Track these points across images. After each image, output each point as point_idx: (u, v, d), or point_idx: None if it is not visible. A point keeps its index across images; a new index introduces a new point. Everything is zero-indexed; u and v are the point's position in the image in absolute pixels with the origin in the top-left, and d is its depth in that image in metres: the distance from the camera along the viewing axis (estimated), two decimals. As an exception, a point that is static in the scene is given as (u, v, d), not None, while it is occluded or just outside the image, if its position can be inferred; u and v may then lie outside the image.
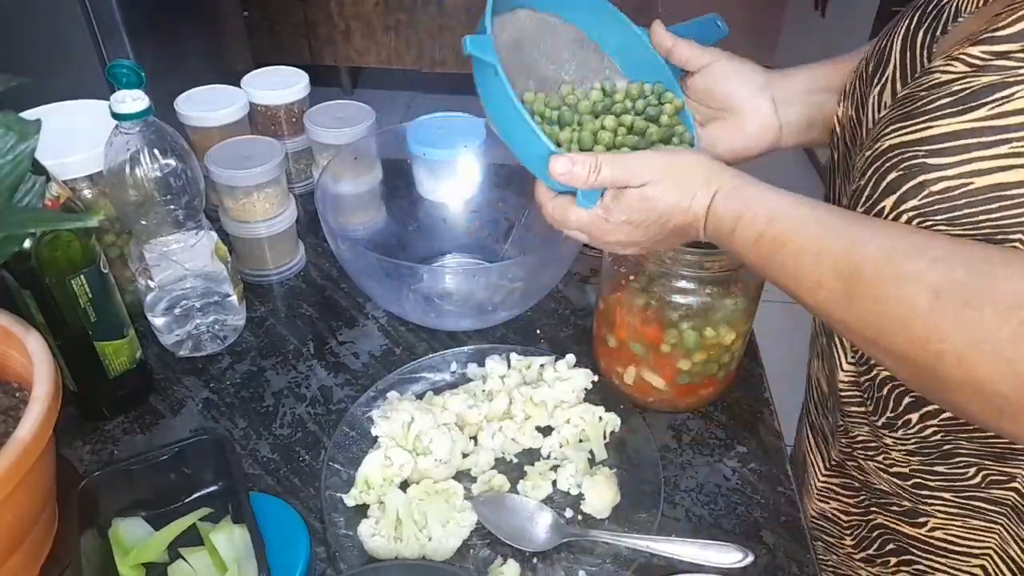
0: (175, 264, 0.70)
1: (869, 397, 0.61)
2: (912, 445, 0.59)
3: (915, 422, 0.57)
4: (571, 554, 0.59)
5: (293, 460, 0.66)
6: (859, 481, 0.67)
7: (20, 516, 0.50)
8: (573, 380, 0.68)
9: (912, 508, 0.62)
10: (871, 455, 0.64)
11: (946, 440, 0.56)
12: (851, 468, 0.68)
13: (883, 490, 0.64)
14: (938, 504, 0.60)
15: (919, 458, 0.59)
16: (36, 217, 0.50)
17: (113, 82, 0.60)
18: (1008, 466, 0.55)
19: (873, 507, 0.67)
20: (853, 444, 0.66)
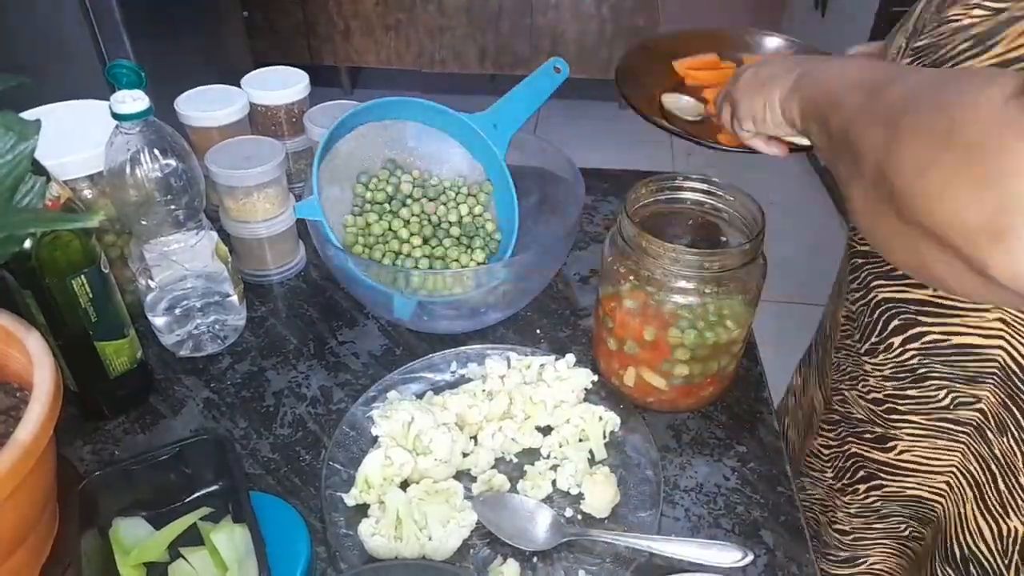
0: (175, 264, 0.70)
1: (859, 324, 0.66)
2: (888, 370, 0.64)
3: (897, 345, 0.62)
4: (571, 554, 0.59)
5: (293, 460, 0.66)
6: (840, 414, 0.72)
7: (21, 516, 0.50)
8: (573, 380, 0.68)
9: (883, 434, 0.67)
10: (853, 384, 0.69)
11: (922, 364, 0.61)
12: (836, 402, 0.73)
13: (859, 418, 0.70)
14: (907, 427, 0.65)
15: (893, 383, 0.64)
16: (36, 217, 0.50)
17: (113, 82, 0.60)
18: (976, 388, 0.59)
19: (849, 437, 0.72)
20: (841, 377, 0.71)
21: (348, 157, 0.79)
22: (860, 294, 0.65)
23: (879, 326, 0.63)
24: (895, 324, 0.62)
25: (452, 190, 0.81)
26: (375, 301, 0.76)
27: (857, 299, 0.66)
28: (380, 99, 0.77)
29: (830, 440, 0.75)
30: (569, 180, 0.79)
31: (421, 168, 0.83)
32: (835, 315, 0.73)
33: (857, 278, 0.66)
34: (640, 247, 0.62)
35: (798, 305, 2.18)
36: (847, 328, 0.69)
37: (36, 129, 0.48)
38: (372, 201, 0.78)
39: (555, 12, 2.82)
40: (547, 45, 2.89)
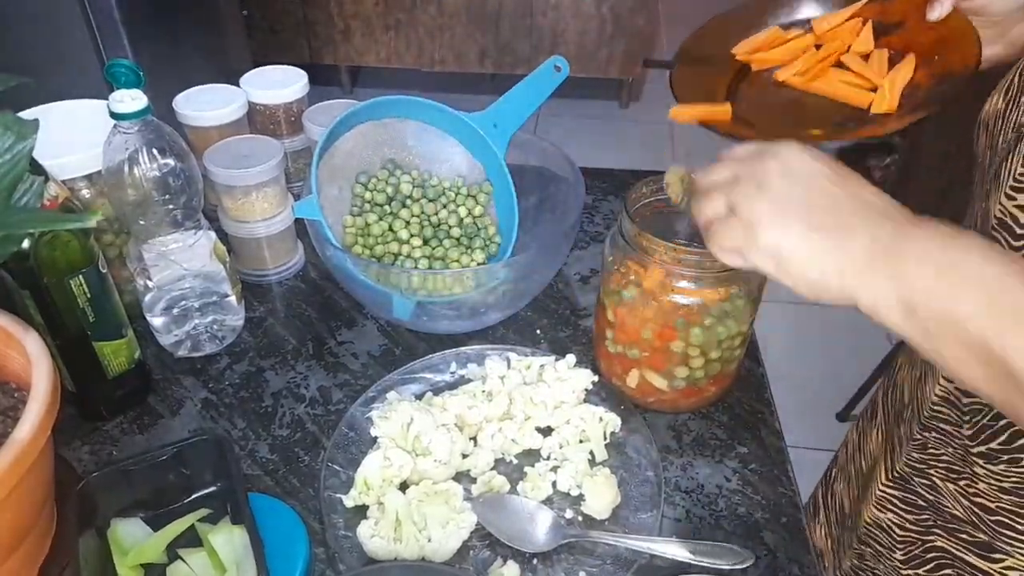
0: (173, 264, 0.70)
1: (972, 422, 0.57)
2: (1009, 484, 0.55)
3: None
4: (571, 555, 0.58)
5: (292, 461, 0.66)
6: (926, 500, 0.64)
7: (19, 516, 0.50)
8: (573, 380, 0.68)
9: (988, 542, 0.59)
10: (952, 478, 0.60)
11: None
12: (919, 485, 0.64)
13: (956, 515, 0.61)
14: (1022, 546, 0.57)
15: (1012, 497, 0.56)
16: (34, 217, 0.50)
17: (112, 81, 0.60)
18: None
19: (937, 529, 0.64)
20: (930, 461, 0.63)
21: (347, 156, 0.78)
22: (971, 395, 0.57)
23: (1004, 435, 0.55)
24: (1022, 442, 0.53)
25: (452, 190, 0.81)
26: (374, 301, 0.76)
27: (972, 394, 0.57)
28: (380, 98, 0.77)
29: (907, 522, 0.67)
30: (569, 180, 0.79)
31: (421, 168, 0.82)
32: (921, 386, 0.64)
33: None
34: (640, 247, 0.62)
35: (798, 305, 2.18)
36: (944, 412, 0.60)
37: (34, 128, 0.48)
38: (372, 202, 0.78)
39: (555, 12, 2.82)
40: (547, 45, 2.89)
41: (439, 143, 0.82)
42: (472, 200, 0.80)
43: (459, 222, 0.79)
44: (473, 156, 0.82)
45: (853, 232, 0.42)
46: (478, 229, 0.79)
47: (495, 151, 0.80)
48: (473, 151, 0.82)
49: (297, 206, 0.71)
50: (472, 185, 0.82)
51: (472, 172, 0.83)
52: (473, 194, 0.81)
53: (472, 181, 0.83)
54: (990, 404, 0.41)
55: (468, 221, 0.79)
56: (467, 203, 0.80)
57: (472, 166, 0.83)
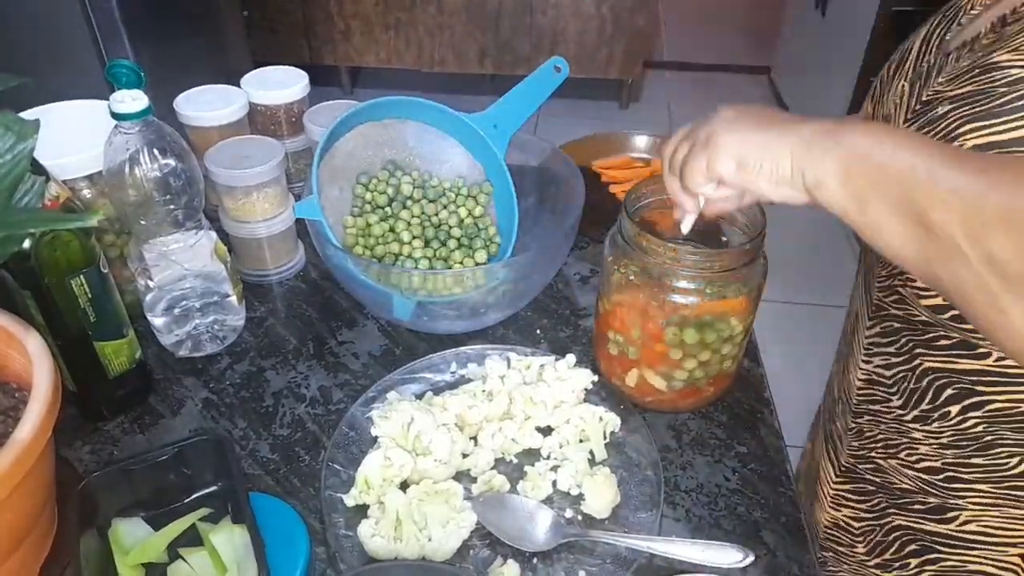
0: (174, 264, 0.70)
1: (900, 391, 0.61)
2: (947, 438, 0.59)
3: (955, 414, 0.57)
4: (571, 554, 0.59)
5: (293, 460, 0.66)
6: (874, 484, 0.67)
7: (20, 516, 0.50)
8: (573, 380, 0.68)
9: (940, 504, 0.62)
10: (892, 452, 0.64)
11: (988, 431, 0.56)
12: (865, 471, 0.67)
13: (905, 488, 0.64)
14: (972, 496, 0.60)
15: (953, 451, 0.59)
16: (35, 217, 0.50)
17: (112, 82, 0.60)
18: None
19: (891, 509, 0.66)
20: (868, 445, 0.66)
21: (348, 157, 0.79)
22: (900, 360, 0.61)
23: (930, 394, 0.59)
24: (949, 393, 0.57)
25: (452, 191, 0.81)
26: (374, 301, 0.76)
27: (895, 364, 0.62)
28: (380, 98, 0.77)
29: (862, 512, 0.70)
30: (569, 180, 0.79)
31: (421, 168, 0.83)
32: (846, 377, 0.69)
33: (894, 343, 0.61)
34: (640, 247, 0.62)
35: (798, 305, 2.18)
36: (870, 392, 0.65)
37: (35, 129, 0.48)
38: (373, 203, 0.78)
39: (555, 12, 2.82)
40: (547, 45, 2.89)
41: (439, 144, 0.82)
42: (472, 201, 0.80)
43: (459, 223, 0.79)
44: (473, 156, 0.82)
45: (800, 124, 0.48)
46: (478, 230, 0.80)
47: (495, 151, 0.80)
48: (473, 152, 0.82)
49: (298, 206, 0.71)
50: (472, 186, 0.82)
51: (472, 172, 0.83)
52: (473, 195, 0.81)
53: (472, 181, 0.83)
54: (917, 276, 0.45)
55: (468, 222, 0.79)
56: (467, 204, 0.80)
57: (472, 166, 0.83)
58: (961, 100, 0.51)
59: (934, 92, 0.54)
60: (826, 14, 2.75)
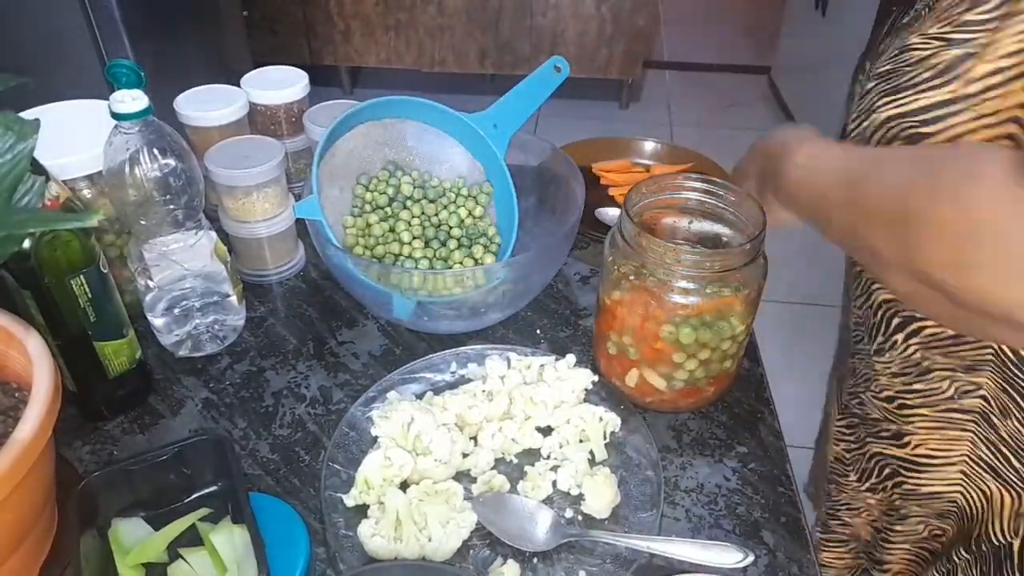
0: (174, 264, 0.70)
1: (867, 326, 0.68)
2: (896, 367, 0.66)
3: (900, 341, 0.65)
4: (571, 554, 0.59)
5: (293, 460, 0.66)
6: (859, 416, 0.74)
7: (20, 516, 0.50)
8: (573, 380, 0.68)
9: (897, 430, 0.69)
10: (868, 386, 0.71)
11: (925, 357, 0.63)
12: (854, 406, 0.75)
13: (875, 418, 0.71)
14: (918, 421, 0.66)
15: (901, 379, 0.66)
16: (35, 217, 0.50)
17: (113, 82, 0.60)
18: (975, 376, 0.61)
19: (868, 437, 0.74)
20: (858, 382, 0.73)
21: (348, 156, 0.78)
22: (863, 298, 0.68)
23: (883, 325, 0.66)
24: (896, 321, 0.64)
25: (452, 191, 0.81)
26: (374, 301, 0.76)
27: (862, 303, 0.68)
28: (380, 98, 0.77)
29: (851, 444, 0.77)
30: (569, 180, 0.79)
31: (421, 168, 0.83)
32: (847, 324, 0.76)
33: (859, 284, 0.68)
34: (640, 247, 0.62)
35: (798, 305, 2.18)
36: (858, 333, 0.71)
37: (35, 129, 0.48)
38: (373, 203, 0.78)
39: (555, 12, 2.82)
40: (547, 45, 2.89)
41: (439, 143, 0.82)
42: (472, 201, 0.80)
43: (460, 223, 0.79)
44: (473, 156, 0.82)
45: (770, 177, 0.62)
46: (479, 230, 0.79)
47: (495, 152, 0.80)
48: (473, 152, 0.82)
49: (298, 206, 0.71)
50: (472, 186, 0.82)
51: (472, 172, 0.83)
52: (473, 195, 0.81)
53: (472, 182, 0.83)
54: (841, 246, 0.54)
55: (469, 222, 0.79)
56: (467, 204, 0.80)
57: (472, 166, 0.83)
58: (882, 77, 0.57)
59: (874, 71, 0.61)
60: (826, 14, 2.75)
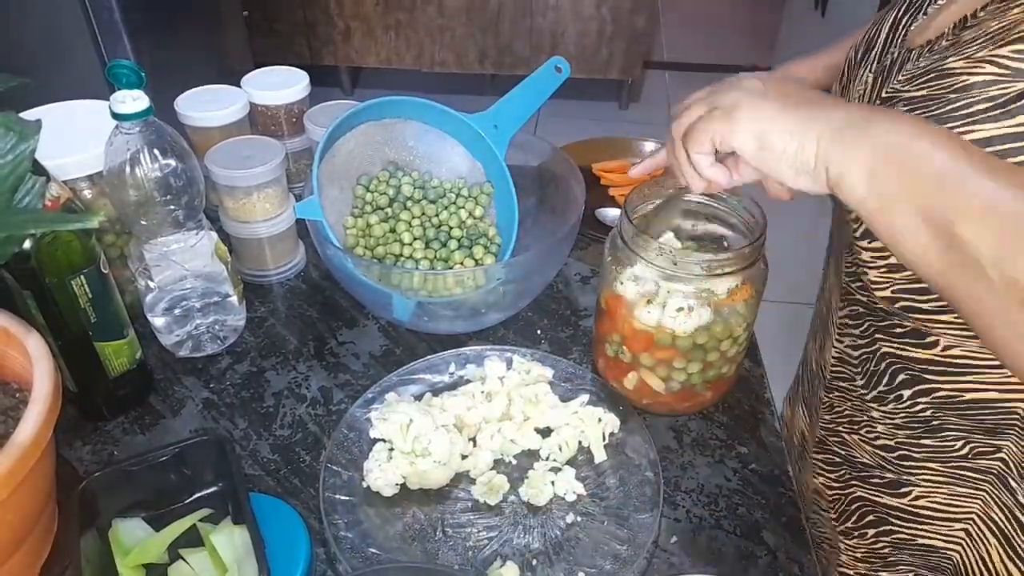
0: (175, 264, 0.70)
1: (863, 371, 0.64)
2: (900, 419, 0.62)
3: (907, 397, 0.60)
4: (571, 555, 0.59)
5: (293, 461, 0.66)
6: (840, 456, 0.70)
7: (20, 517, 0.50)
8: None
9: (895, 479, 0.65)
10: (855, 428, 0.67)
11: (936, 416, 0.59)
12: (833, 443, 0.71)
13: (865, 463, 0.67)
14: (923, 474, 0.63)
15: (906, 432, 0.62)
16: (36, 218, 0.50)
17: (113, 82, 0.60)
18: (995, 439, 0.57)
19: (853, 480, 0.70)
20: (837, 419, 0.69)
21: (348, 157, 0.78)
22: (863, 343, 0.63)
23: (886, 377, 0.61)
24: (903, 378, 0.60)
25: (453, 192, 0.81)
26: (375, 302, 0.76)
27: (859, 346, 0.64)
28: (380, 98, 0.77)
29: (832, 481, 0.73)
30: (569, 180, 0.79)
31: (421, 169, 0.82)
32: (822, 353, 0.71)
33: (859, 326, 0.63)
34: (640, 248, 0.62)
35: (798, 305, 2.18)
36: (840, 370, 0.68)
37: (36, 129, 0.48)
38: (373, 204, 0.78)
39: (555, 12, 2.82)
40: (547, 45, 2.89)
41: (440, 144, 0.82)
42: (473, 201, 0.80)
43: (460, 223, 0.79)
44: (473, 157, 0.82)
45: (829, 109, 0.45)
46: (479, 230, 0.79)
47: (495, 152, 0.80)
48: (473, 152, 0.82)
49: (298, 207, 0.71)
50: (473, 186, 0.82)
51: (472, 173, 0.83)
52: (474, 195, 0.81)
53: (473, 182, 0.83)
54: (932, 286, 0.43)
55: (469, 222, 0.79)
56: (468, 205, 0.80)
57: (472, 167, 0.83)
58: (916, 103, 0.51)
59: (893, 90, 0.55)
60: (826, 14, 2.75)
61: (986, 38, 0.48)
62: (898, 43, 0.59)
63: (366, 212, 0.78)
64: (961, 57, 0.49)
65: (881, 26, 0.62)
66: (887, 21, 0.61)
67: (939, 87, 0.50)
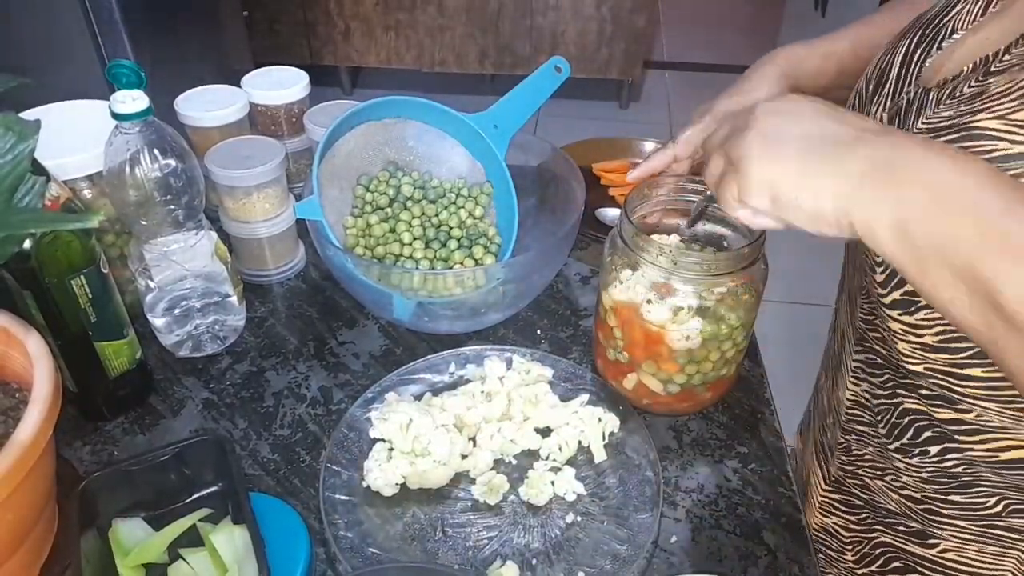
0: (175, 264, 0.70)
1: (884, 421, 0.60)
2: (927, 473, 0.58)
3: (934, 453, 0.55)
4: (571, 555, 0.59)
5: (293, 461, 0.66)
6: (861, 499, 0.66)
7: (20, 517, 0.50)
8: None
9: (922, 530, 0.61)
10: (878, 474, 0.63)
11: (967, 472, 0.54)
12: (852, 485, 0.67)
13: (890, 509, 0.64)
14: (951, 530, 0.59)
15: (933, 486, 0.58)
16: (36, 218, 0.50)
17: (113, 82, 0.60)
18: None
19: (877, 525, 0.66)
20: (856, 462, 0.65)
21: (348, 157, 0.78)
22: (883, 394, 0.59)
23: (910, 432, 0.57)
24: (928, 435, 0.56)
25: (453, 192, 0.81)
26: (375, 302, 0.76)
27: (878, 395, 0.60)
28: (380, 98, 0.77)
29: (850, 523, 0.69)
30: (569, 180, 0.79)
31: (421, 168, 0.82)
32: (835, 391, 0.67)
33: (877, 376, 0.60)
34: (640, 248, 0.62)
35: (798, 305, 2.18)
36: (857, 414, 0.64)
37: (36, 129, 0.48)
38: (373, 204, 0.78)
39: (555, 12, 2.82)
40: (547, 45, 2.89)
41: (440, 144, 0.82)
42: (473, 202, 0.80)
43: (460, 223, 0.79)
44: (473, 157, 0.82)
45: (848, 152, 0.41)
46: (479, 230, 0.79)
47: (495, 152, 0.80)
48: (473, 152, 0.82)
49: (298, 207, 0.71)
50: (473, 186, 0.82)
51: (472, 172, 0.83)
52: (474, 195, 0.81)
53: (473, 182, 0.83)
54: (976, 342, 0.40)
55: (469, 222, 0.79)
56: (468, 205, 0.80)
57: (472, 167, 0.83)
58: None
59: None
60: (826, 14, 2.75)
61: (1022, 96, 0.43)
62: (912, 79, 0.54)
63: (366, 212, 0.78)
64: (995, 116, 0.44)
65: (893, 56, 0.57)
66: (899, 52, 0.56)
67: (974, 149, 0.45)
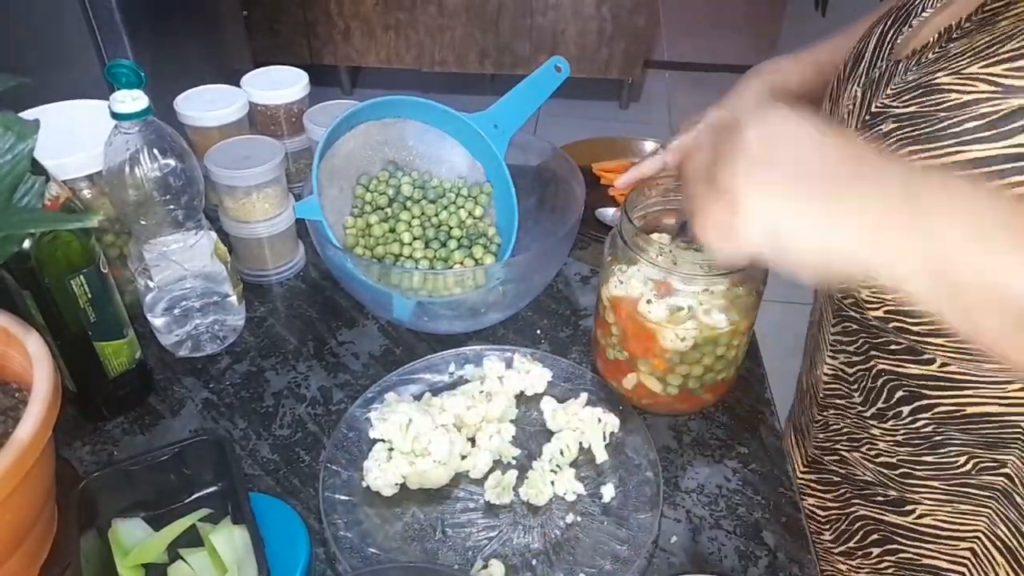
0: (174, 264, 0.70)
1: (860, 388, 0.62)
2: (901, 436, 0.61)
3: (906, 414, 0.59)
4: (571, 555, 0.59)
5: (293, 461, 0.66)
6: (839, 475, 0.69)
7: (20, 517, 0.50)
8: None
9: (898, 497, 0.64)
10: (855, 446, 0.65)
11: (937, 432, 0.58)
12: (830, 462, 0.69)
13: (867, 480, 0.66)
14: (926, 492, 0.62)
15: (907, 449, 0.61)
16: (35, 217, 0.50)
17: (113, 82, 0.60)
18: (999, 453, 0.56)
19: (855, 499, 0.68)
20: (834, 437, 0.68)
21: (348, 156, 0.78)
22: (858, 359, 0.62)
23: (884, 394, 0.60)
24: (901, 394, 0.59)
25: (452, 192, 0.81)
26: (374, 301, 0.76)
27: (855, 363, 0.63)
28: (380, 98, 0.77)
29: (827, 501, 0.72)
30: (569, 180, 0.79)
31: (421, 168, 0.82)
32: (813, 371, 0.70)
33: (853, 343, 0.63)
34: (640, 248, 0.62)
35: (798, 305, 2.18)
36: (836, 387, 0.67)
37: (35, 129, 0.48)
38: (373, 204, 0.78)
39: (555, 12, 2.82)
40: (547, 45, 2.89)
41: (439, 143, 0.82)
42: (472, 201, 0.80)
43: (460, 223, 0.79)
44: (473, 157, 0.82)
45: (857, 194, 0.36)
46: (479, 230, 0.79)
47: (495, 152, 0.80)
48: (473, 152, 0.82)
49: (298, 206, 0.71)
50: (473, 186, 0.82)
51: (472, 172, 0.83)
52: (474, 195, 0.81)
53: (472, 182, 0.83)
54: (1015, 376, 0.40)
55: (469, 222, 0.79)
56: (467, 204, 0.80)
57: (472, 166, 0.83)
58: (905, 120, 0.49)
59: (882, 105, 0.53)
60: (826, 14, 2.75)
61: (974, 53, 0.46)
62: (885, 55, 0.57)
63: (366, 212, 0.78)
64: (950, 72, 0.47)
65: (869, 39, 0.61)
66: (874, 34, 0.60)
67: (929, 104, 0.48)
